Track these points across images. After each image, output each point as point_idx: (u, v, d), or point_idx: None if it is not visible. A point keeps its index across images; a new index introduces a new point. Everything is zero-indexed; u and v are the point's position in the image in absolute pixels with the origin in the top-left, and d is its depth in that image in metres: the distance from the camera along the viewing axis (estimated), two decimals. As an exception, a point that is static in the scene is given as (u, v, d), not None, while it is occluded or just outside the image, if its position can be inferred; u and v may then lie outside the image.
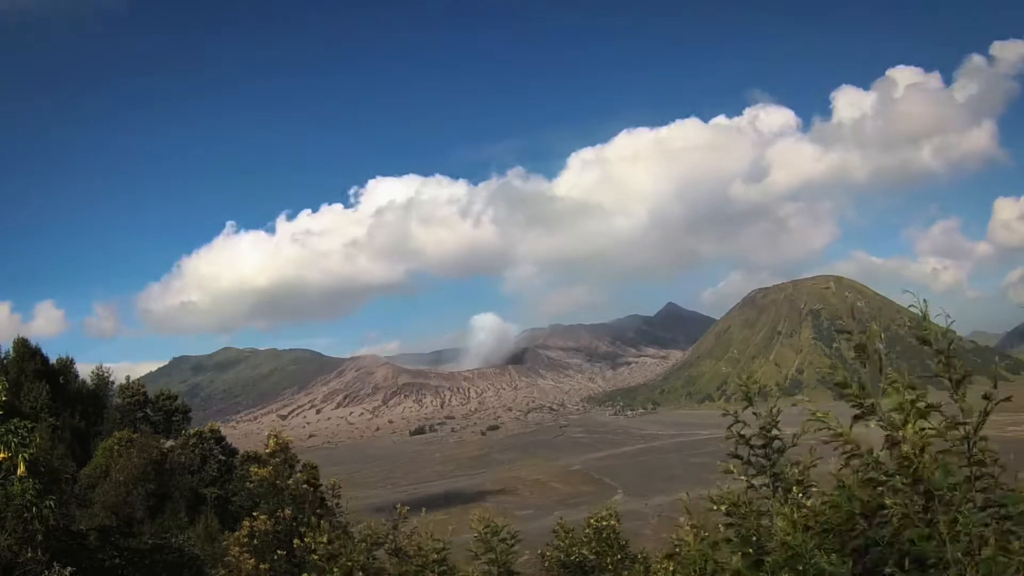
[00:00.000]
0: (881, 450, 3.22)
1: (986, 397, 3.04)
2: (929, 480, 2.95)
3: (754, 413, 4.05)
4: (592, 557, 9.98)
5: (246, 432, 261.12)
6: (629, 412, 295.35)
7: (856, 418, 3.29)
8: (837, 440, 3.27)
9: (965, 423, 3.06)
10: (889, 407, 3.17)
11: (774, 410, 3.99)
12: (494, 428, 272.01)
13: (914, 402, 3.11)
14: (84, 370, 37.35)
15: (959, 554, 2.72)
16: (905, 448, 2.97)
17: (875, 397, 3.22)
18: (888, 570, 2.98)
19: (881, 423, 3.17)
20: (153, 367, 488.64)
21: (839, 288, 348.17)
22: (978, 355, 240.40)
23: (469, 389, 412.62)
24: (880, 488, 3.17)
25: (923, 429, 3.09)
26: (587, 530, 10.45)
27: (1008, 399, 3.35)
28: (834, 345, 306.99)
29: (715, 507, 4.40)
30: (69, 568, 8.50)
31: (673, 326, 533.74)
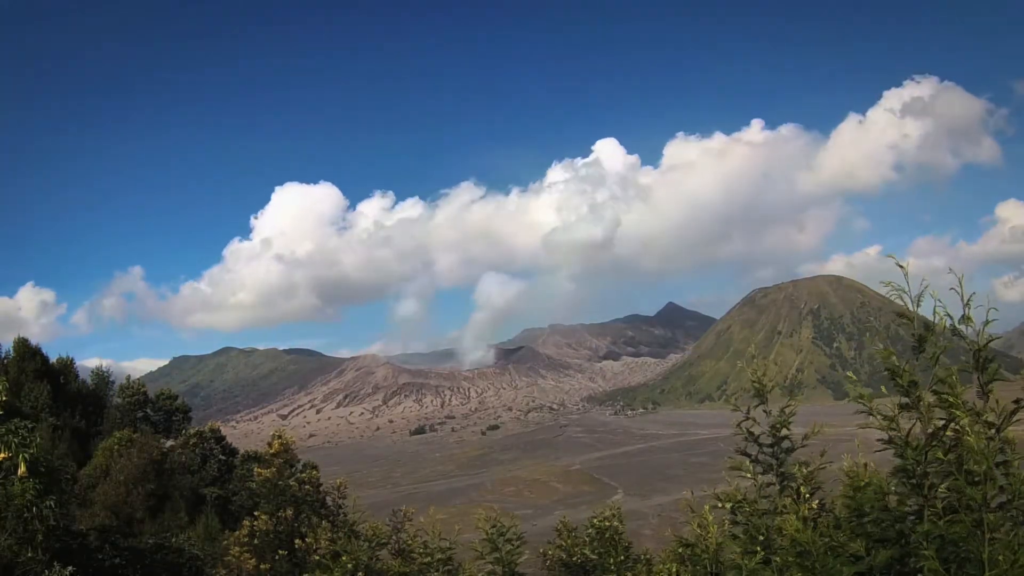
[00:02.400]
0: (925, 443, 3.18)
1: (1016, 402, 3.01)
2: (984, 475, 2.92)
3: (764, 411, 4.02)
4: (594, 557, 9.94)
5: (246, 432, 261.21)
6: (629, 412, 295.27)
7: (902, 408, 3.25)
8: (883, 426, 3.24)
9: (992, 423, 3.04)
10: (933, 401, 3.14)
11: (787, 409, 3.96)
12: (494, 428, 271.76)
13: (955, 394, 3.07)
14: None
15: (999, 557, 2.69)
16: (970, 440, 2.93)
17: (922, 390, 3.18)
18: (916, 563, 2.95)
19: (921, 416, 3.14)
20: (153, 366, 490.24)
21: (839, 288, 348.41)
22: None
23: (469, 389, 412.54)
24: (913, 480, 3.14)
25: (970, 421, 3.06)
26: (589, 530, 10.41)
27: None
28: (834, 345, 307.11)
29: (720, 505, 4.37)
30: (69, 568, 8.47)
31: (673, 326, 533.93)
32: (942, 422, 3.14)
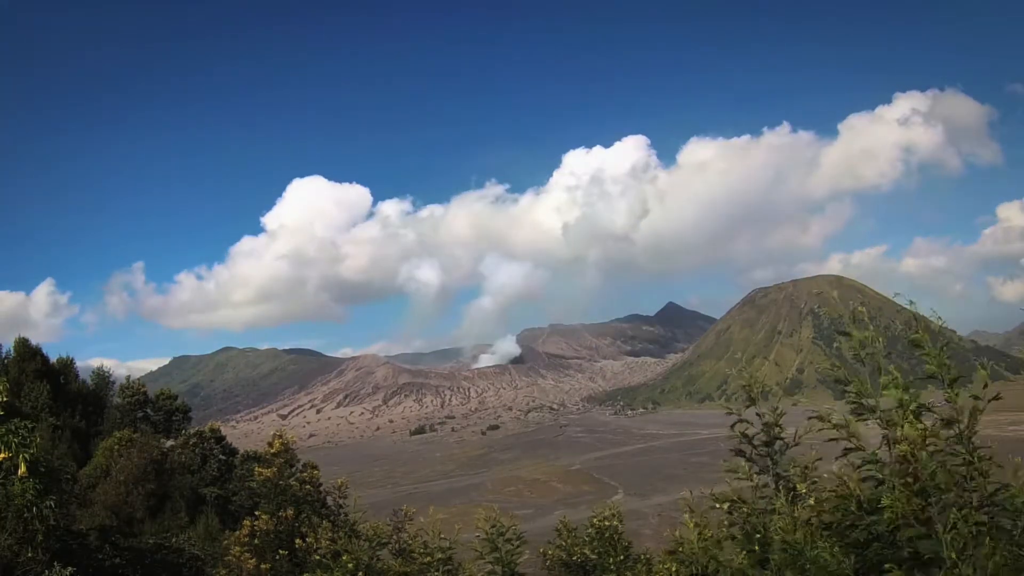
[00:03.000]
0: (879, 448, 3.23)
1: (975, 397, 3.05)
2: (926, 479, 2.96)
3: (757, 413, 4.06)
4: (594, 557, 9.95)
5: (246, 432, 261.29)
6: (629, 412, 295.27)
7: (856, 415, 3.31)
8: (840, 435, 3.28)
9: (959, 422, 3.08)
10: (887, 406, 3.19)
11: (778, 410, 3.99)
12: (494, 428, 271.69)
13: (909, 401, 3.12)
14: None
15: (954, 554, 2.72)
16: (903, 447, 2.99)
17: (875, 396, 3.23)
18: (888, 566, 2.98)
19: (879, 422, 3.19)
20: (153, 366, 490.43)
21: (839, 288, 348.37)
22: (979, 355, 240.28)
23: (469, 389, 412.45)
24: (880, 486, 3.18)
25: (920, 428, 3.10)
26: (589, 530, 10.41)
27: (998, 397, 3.28)
28: (834, 345, 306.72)
29: (717, 505, 4.39)
30: (69, 568, 8.48)
31: (673, 326, 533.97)
32: (896, 429, 3.18)
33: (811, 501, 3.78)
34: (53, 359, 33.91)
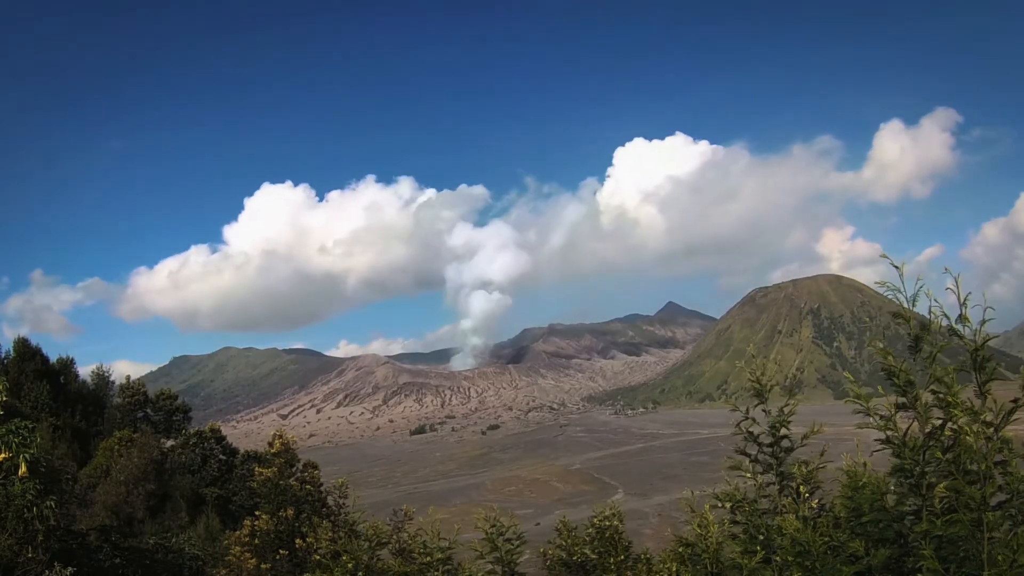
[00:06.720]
0: (922, 443, 3.18)
1: (1015, 401, 3.01)
2: (982, 474, 2.91)
3: (764, 411, 4.02)
4: (594, 557, 9.92)
5: (246, 432, 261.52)
6: (629, 411, 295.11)
7: (899, 407, 3.25)
8: (879, 426, 3.24)
9: (991, 423, 3.04)
10: (931, 401, 3.14)
11: (786, 409, 3.96)
12: (494, 427, 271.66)
13: (954, 398, 3.07)
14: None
15: (998, 556, 2.67)
16: (969, 439, 2.92)
17: (919, 389, 3.18)
18: (925, 551, 2.93)
19: (920, 415, 3.14)
20: (153, 367, 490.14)
21: (839, 287, 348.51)
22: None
23: (469, 388, 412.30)
24: (911, 480, 3.15)
25: (960, 426, 3.06)
26: (590, 529, 10.38)
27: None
28: (834, 344, 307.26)
29: (720, 504, 4.37)
30: (69, 568, 8.47)
31: (673, 326, 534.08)
32: (940, 422, 3.14)
33: (814, 503, 3.76)
34: (53, 359, 33.93)
